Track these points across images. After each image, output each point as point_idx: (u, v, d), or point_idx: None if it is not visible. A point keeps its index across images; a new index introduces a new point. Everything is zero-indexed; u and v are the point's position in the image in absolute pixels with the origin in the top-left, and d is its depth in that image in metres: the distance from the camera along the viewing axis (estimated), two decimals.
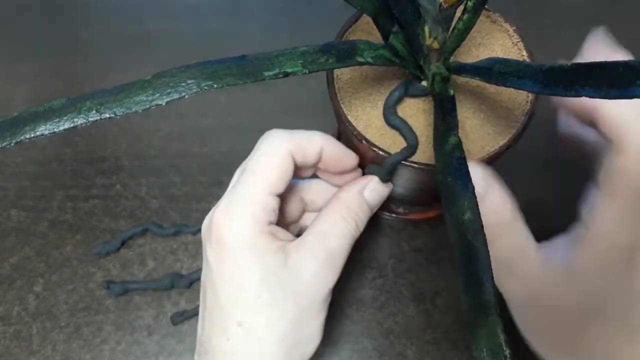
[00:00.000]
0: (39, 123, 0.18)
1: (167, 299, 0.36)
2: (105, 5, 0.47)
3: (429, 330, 0.35)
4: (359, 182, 0.27)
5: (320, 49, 0.22)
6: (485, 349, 0.15)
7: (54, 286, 0.36)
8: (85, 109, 0.19)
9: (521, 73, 0.20)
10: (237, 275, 0.24)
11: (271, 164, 0.25)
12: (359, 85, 0.27)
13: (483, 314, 0.16)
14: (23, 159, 0.40)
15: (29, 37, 0.46)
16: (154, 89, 0.19)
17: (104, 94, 0.19)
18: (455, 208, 0.18)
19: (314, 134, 0.26)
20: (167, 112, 0.42)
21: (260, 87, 0.43)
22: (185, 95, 0.19)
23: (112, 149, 0.40)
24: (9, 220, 0.38)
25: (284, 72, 0.21)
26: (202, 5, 0.47)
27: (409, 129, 0.25)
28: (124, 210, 0.38)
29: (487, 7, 0.28)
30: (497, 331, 0.15)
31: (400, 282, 0.36)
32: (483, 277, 0.16)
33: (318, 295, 0.25)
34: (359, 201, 0.26)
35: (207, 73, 0.20)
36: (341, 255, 0.25)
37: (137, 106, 0.19)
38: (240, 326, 0.24)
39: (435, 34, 0.22)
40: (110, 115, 0.19)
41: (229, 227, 0.24)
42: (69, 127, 0.18)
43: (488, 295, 0.16)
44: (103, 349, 0.34)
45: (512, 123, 0.26)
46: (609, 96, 0.16)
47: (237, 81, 0.20)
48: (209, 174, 0.39)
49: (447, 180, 0.19)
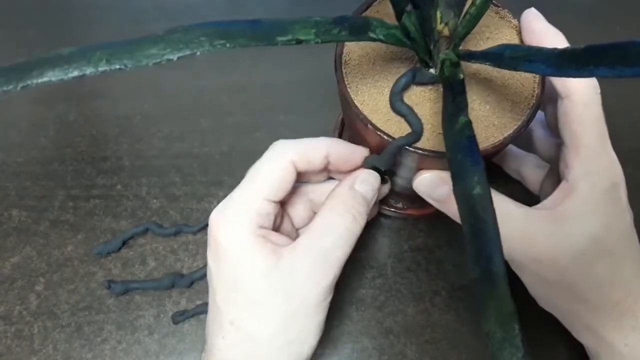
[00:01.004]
0: (46, 69, 0.18)
1: (168, 299, 0.36)
2: (105, 5, 0.47)
3: (429, 330, 0.35)
4: (349, 177, 0.27)
5: (333, 20, 0.22)
6: (493, 319, 0.15)
7: (55, 286, 0.36)
8: (95, 58, 0.18)
9: (532, 57, 0.20)
10: (230, 276, 0.25)
11: (270, 171, 0.26)
12: (367, 71, 0.27)
13: (492, 285, 0.16)
14: (24, 158, 0.40)
15: (29, 37, 0.46)
16: (166, 43, 0.19)
17: (114, 45, 0.18)
18: (465, 183, 0.18)
19: (319, 141, 0.26)
20: (168, 112, 0.42)
21: (260, 88, 0.43)
22: (197, 52, 0.19)
23: (113, 149, 0.41)
24: (10, 220, 0.38)
25: (297, 39, 0.21)
26: (202, 5, 0.47)
27: (414, 116, 0.25)
28: (125, 210, 0.38)
29: (496, 3, 0.28)
30: (506, 302, 0.15)
31: (400, 282, 0.36)
32: (492, 248, 0.16)
33: (311, 295, 0.25)
34: (352, 194, 0.26)
35: (220, 32, 0.19)
36: (337, 253, 0.25)
37: (148, 59, 0.18)
38: (232, 325, 0.25)
39: (447, 19, 0.22)
40: (120, 66, 0.18)
41: (222, 229, 0.25)
42: (77, 75, 0.18)
43: (497, 267, 0.16)
44: (104, 348, 0.34)
45: (517, 115, 0.26)
46: (624, 74, 0.16)
47: (250, 42, 0.20)
48: (209, 174, 0.40)
49: (457, 158, 0.19)
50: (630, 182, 0.27)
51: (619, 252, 0.26)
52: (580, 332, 0.28)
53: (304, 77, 0.37)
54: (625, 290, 0.26)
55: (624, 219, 0.27)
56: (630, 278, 0.27)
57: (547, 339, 0.34)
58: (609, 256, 0.26)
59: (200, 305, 0.35)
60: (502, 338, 0.15)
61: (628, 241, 0.27)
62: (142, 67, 0.18)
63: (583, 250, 0.26)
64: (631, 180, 0.27)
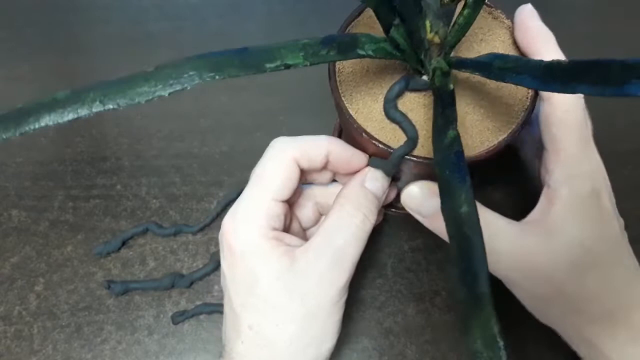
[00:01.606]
0: (42, 114, 0.18)
1: (168, 299, 0.36)
2: (106, 5, 0.47)
3: (429, 330, 0.35)
4: (358, 175, 0.27)
5: (321, 41, 0.22)
6: (479, 340, 0.15)
7: (54, 286, 0.36)
8: (89, 99, 0.19)
9: (520, 69, 0.21)
10: (245, 281, 0.25)
11: (275, 171, 0.25)
12: (360, 79, 0.27)
13: (478, 306, 0.16)
14: (24, 159, 0.40)
15: (29, 37, 0.46)
16: (157, 80, 0.19)
17: (107, 85, 0.19)
18: (452, 201, 0.18)
19: (320, 139, 0.26)
20: (168, 112, 0.42)
21: (260, 88, 0.43)
22: (188, 86, 0.19)
23: (113, 149, 0.41)
24: (9, 220, 0.38)
25: (285, 64, 0.21)
26: (202, 5, 0.47)
27: (409, 123, 0.25)
28: (125, 210, 0.38)
29: (489, 3, 0.28)
30: (491, 323, 0.15)
31: (400, 282, 0.36)
32: (478, 269, 0.16)
33: (327, 296, 0.25)
34: (363, 192, 0.26)
35: (209, 64, 0.20)
36: (350, 252, 0.25)
37: (140, 97, 0.19)
38: (251, 329, 0.25)
39: (436, 29, 0.22)
40: (113, 106, 0.19)
41: (235, 233, 0.25)
42: (72, 118, 0.18)
43: (483, 287, 0.16)
44: (104, 348, 0.34)
45: (511, 119, 0.26)
46: (605, 93, 0.16)
47: (239, 72, 0.20)
48: (209, 174, 0.40)
49: (445, 174, 0.19)
50: (630, 182, 0.27)
51: (608, 261, 0.26)
52: (579, 345, 0.28)
53: (304, 77, 0.37)
54: (617, 300, 0.26)
55: (611, 227, 0.26)
56: (621, 287, 0.26)
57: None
58: (598, 266, 0.26)
59: (200, 306, 0.35)
60: (489, 359, 0.15)
61: (617, 249, 0.26)
62: (134, 104, 0.19)
63: (573, 262, 0.25)
64: (631, 180, 0.27)
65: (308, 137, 0.26)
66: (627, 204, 0.29)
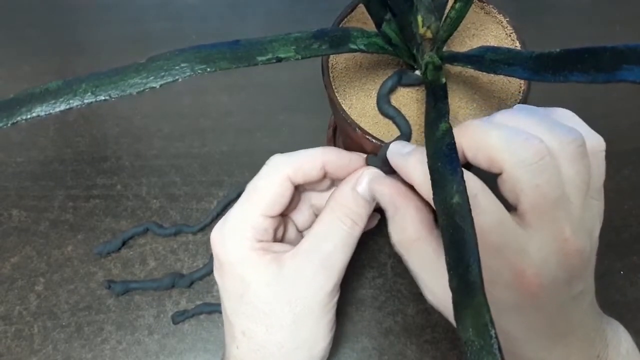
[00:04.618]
0: (35, 104, 0.18)
1: (168, 299, 0.36)
2: (106, 5, 0.47)
3: (429, 330, 0.35)
4: (351, 178, 0.26)
5: (313, 35, 0.22)
6: (471, 328, 0.15)
7: (55, 286, 0.36)
8: (81, 90, 0.19)
9: (511, 60, 0.21)
10: (235, 290, 0.26)
11: (266, 189, 0.26)
12: (354, 75, 0.27)
13: (469, 295, 0.16)
14: (24, 159, 0.40)
15: (29, 37, 0.46)
16: (148, 71, 0.19)
17: (99, 76, 0.19)
18: (444, 192, 0.18)
19: (315, 152, 0.26)
20: (168, 112, 0.42)
21: (260, 88, 0.43)
22: (179, 78, 0.19)
23: (113, 149, 0.41)
24: (10, 220, 0.38)
25: (277, 57, 0.21)
26: (202, 5, 0.47)
27: (402, 118, 0.25)
28: (125, 210, 0.38)
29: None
30: (482, 311, 0.15)
31: (400, 282, 0.36)
32: (470, 258, 0.16)
33: (315, 300, 0.25)
34: (353, 197, 0.26)
35: (200, 57, 0.20)
36: (338, 257, 0.25)
37: (132, 88, 0.19)
38: (244, 335, 0.26)
39: (428, 23, 0.23)
40: (105, 97, 0.19)
41: (221, 245, 0.26)
42: (64, 108, 0.18)
43: (474, 277, 0.16)
44: (104, 348, 0.34)
45: None
46: (597, 80, 0.16)
47: (230, 65, 0.20)
48: (209, 174, 0.40)
49: (437, 165, 0.19)
50: (630, 182, 0.27)
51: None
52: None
53: (304, 77, 0.37)
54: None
55: None
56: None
57: None
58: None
59: (200, 306, 0.35)
60: (480, 347, 0.15)
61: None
62: (126, 96, 0.19)
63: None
64: (631, 180, 0.27)
65: (303, 152, 0.26)
66: (627, 204, 0.29)
